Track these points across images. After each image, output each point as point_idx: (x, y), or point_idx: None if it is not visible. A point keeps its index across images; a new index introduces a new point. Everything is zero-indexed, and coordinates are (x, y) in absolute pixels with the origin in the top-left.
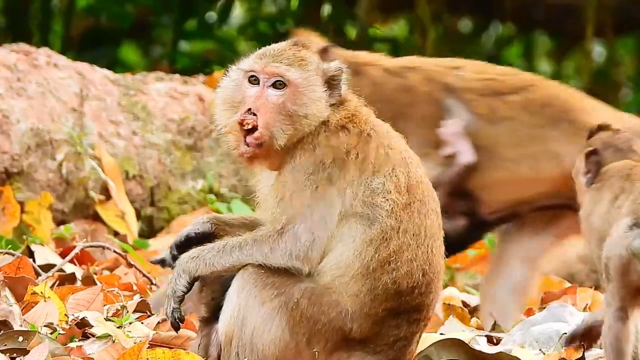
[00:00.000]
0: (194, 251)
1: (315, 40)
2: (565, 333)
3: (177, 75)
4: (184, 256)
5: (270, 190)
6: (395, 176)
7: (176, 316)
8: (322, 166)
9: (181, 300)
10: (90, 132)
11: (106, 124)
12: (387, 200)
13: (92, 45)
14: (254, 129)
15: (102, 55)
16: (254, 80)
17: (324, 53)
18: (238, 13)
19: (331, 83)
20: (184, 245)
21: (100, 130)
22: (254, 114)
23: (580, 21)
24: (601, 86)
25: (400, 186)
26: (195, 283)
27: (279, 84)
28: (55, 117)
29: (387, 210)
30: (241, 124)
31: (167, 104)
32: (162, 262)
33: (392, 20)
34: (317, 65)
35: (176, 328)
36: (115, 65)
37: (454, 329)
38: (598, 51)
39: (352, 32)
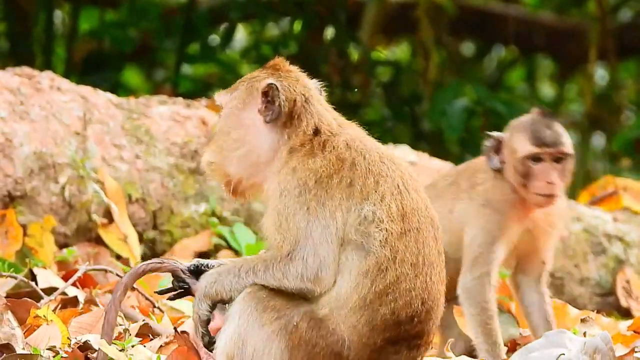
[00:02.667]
0: (212, 275)
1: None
2: (563, 354)
3: (180, 99)
4: (203, 282)
5: (267, 217)
6: (386, 205)
7: (206, 340)
8: (306, 187)
9: (207, 323)
10: (93, 155)
11: (109, 147)
12: (380, 230)
13: (95, 68)
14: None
15: (105, 79)
16: None
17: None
18: (241, 36)
19: (267, 99)
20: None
21: (103, 154)
22: None
23: (582, 45)
24: (603, 109)
25: (393, 215)
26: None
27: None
28: (59, 140)
29: (380, 240)
30: None
31: (170, 128)
32: (169, 291)
33: (394, 43)
34: (252, 83)
35: (211, 351)
36: (118, 88)
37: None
38: (600, 74)
39: (354, 55)
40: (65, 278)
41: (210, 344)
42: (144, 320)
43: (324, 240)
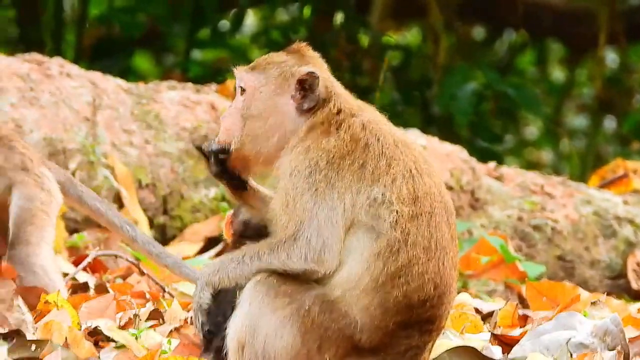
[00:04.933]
0: (214, 264)
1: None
2: (574, 337)
3: (189, 84)
4: (205, 270)
5: (275, 197)
6: (397, 188)
7: (206, 329)
8: (317, 168)
9: (208, 312)
10: (103, 141)
11: (119, 133)
12: (390, 212)
13: (105, 54)
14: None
15: (115, 65)
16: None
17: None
18: (251, 21)
19: (303, 87)
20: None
21: (113, 139)
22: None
23: (593, 28)
24: (614, 93)
25: (404, 197)
26: None
27: (241, 90)
28: (68, 126)
29: (390, 222)
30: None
31: (179, 113)
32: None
33: (404, 28)
34: (283, 68)
35: (208, 340)
36: (128, 74)
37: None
38: (611, 58)
39: (364, 40)
40: (76, 263)
41: (208, 334)
42: (154, 305)
43: (328, 222)
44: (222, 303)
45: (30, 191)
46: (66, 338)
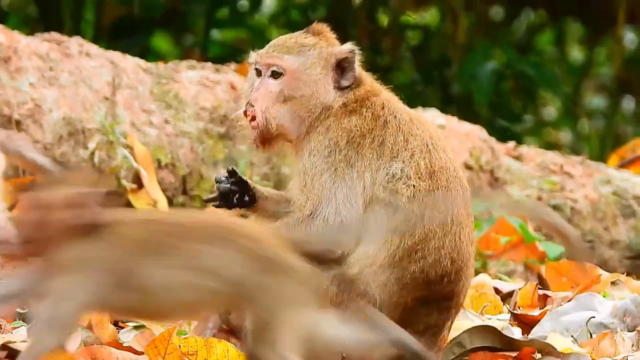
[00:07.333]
0: None
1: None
2: (594, 317)
3: (209, 64)
4: None
5: (293, 177)
6: (415, 162)
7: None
8: (337, 148)
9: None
10: (123, 120)
11: (138, 112)
12: (408, 186)
13: (124, 34)
14: (252, 120)
15: (134, 44)
16: (258, 72)
17: None
18: (270, 1)
19: (342, 66)
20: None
21: (133, 119)
22: (253, 105)
23: (611, 7)
24: (633, 73)
25: (421, 172)
26: None
27: (275, 74)
28: (88, 106)
29: (408, 196)
30: (245, 115)
31: (199, 93)
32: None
33: (423, 7)
34: (320, 49)
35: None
36: (147, 54)
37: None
38: (630, 38)
39: (383, 20)
40: None
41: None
42: None
43: (347, 201)
44: None
45: None
46: (90, 320)
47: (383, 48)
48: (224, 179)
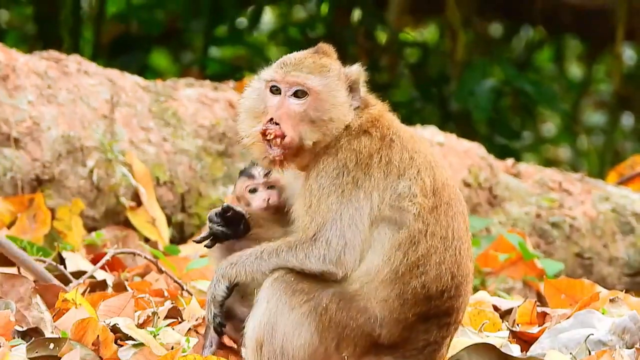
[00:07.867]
0: (232, 258)
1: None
2: (593, 335)
3: (207, 81)
4: (224, 263)
5: (298, 198)
6: (421, 179)
7: (217, 321)
8: (345, 170)
9: (222, 305)
10: (121, 138)
11: (137, 130)
12: (413, 204)
13: (123, 51)
14: (277, 138)
15: (133, 62)
16: (275, 90)
17: None
18: (268, 19)
19: (352, 87)
20: (223, 213)
21: (131, 137)
22: (277, 124)
23: (610, 24)
24: (632, 89)
25: (426, 189)
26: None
27: (300, 93)
28: (86, 123)
29: (414, 214)
30: (264, 134)
31: (197, 110)
32: (205, 239)
33: (422, 24)
34: (338, 71)
35: (219, 333)
36: (146, 71)
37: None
38: (629, 54)
39: (382, 37)
40: (94, 261)
41: (220, 326)
42: (172, 303)
43: (352, 223)
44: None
45: None
46: (98, 336)
47: (381, 65)
48: (217, 219)
